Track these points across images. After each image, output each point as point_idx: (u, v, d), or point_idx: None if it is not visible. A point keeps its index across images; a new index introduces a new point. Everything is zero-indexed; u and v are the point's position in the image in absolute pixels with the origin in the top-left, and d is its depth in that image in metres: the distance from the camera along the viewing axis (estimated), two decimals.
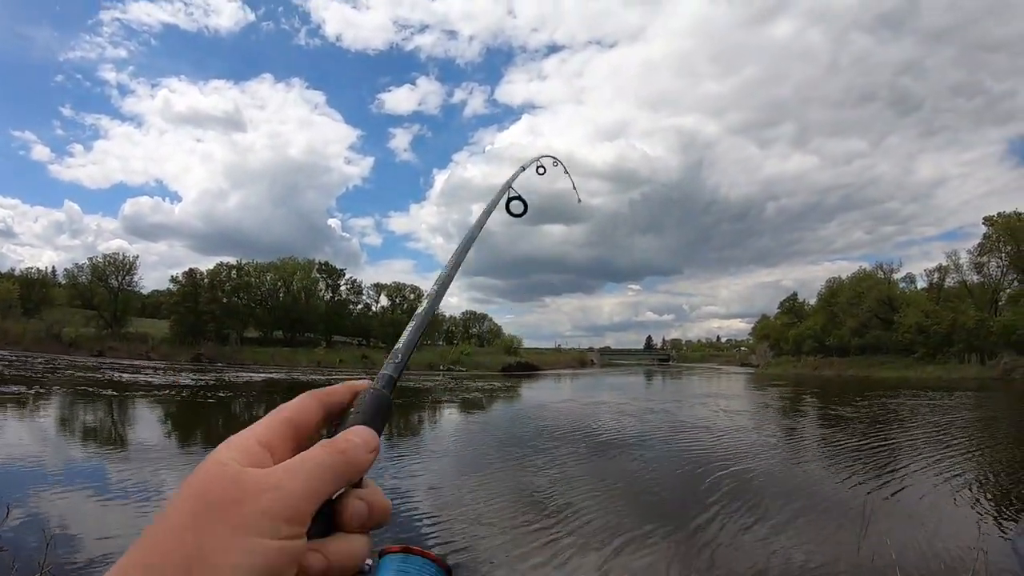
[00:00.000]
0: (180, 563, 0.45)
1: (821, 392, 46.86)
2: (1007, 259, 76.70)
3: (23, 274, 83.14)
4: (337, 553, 0.53)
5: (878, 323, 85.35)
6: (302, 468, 0.53)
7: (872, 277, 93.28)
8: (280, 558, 0.48)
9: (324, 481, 0.53)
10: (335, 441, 0.57)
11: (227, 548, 0.46)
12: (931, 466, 16.06)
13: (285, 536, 0.49)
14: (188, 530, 0.47)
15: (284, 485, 0.51)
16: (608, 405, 34.33)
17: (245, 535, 0.47)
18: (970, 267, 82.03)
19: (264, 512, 0.48)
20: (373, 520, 0.57)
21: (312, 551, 0.51)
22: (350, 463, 0.56)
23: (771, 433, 23.34)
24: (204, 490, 0.50)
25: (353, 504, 0.56)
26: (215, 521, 0.47)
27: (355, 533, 0.55)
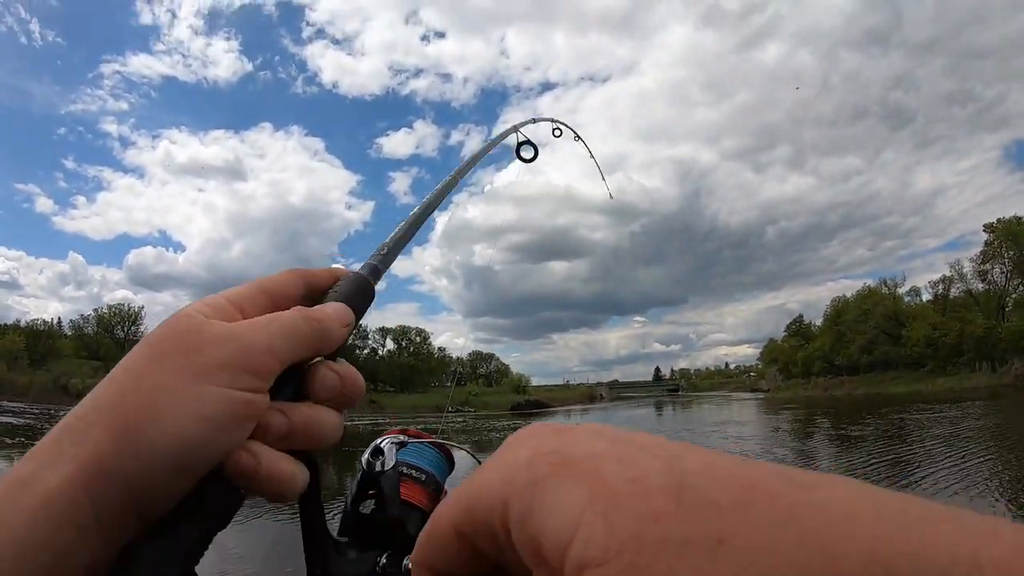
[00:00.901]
0: (133, 405, 0.45)
1: (832, 413, 46.35)
2: (1011, 264, 76.32)
3: (29, 325, 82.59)
4: (302, 417, 0.51)
5: (886, 339, 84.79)
6: (269, 324, 0.52)
7: (877, 293, 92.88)
8: (235, 407, 0.47)
9: (291, 341, 0.51)
10: (309, 309, 0.55)
11: (181, 393, 0.45)
12: (948, 479, 15.87)
13: (243, 387, 0.47)
14: (144, 376, 0.46)
15: (247, 337, 0.50)
16: None
17: (200, 382, 0.46)
18: (974, 275, 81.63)
19: (223, 361, 0.47)
20: (345, 393, 0.55)
21: (274, 411, 0.50)
22: (322, 331, 0.54)
23: (783, 457, 23.09)
24: (165, 336, 0.49)
25: (323, 372, 0.54)
26: (172, 367, 0.46)
27: (325, 405, 0.54)
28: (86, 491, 0.42)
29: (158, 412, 0.44)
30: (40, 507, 0.41)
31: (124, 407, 0.45)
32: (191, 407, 0.45)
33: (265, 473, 0.48)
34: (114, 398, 0.46)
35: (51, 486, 0.42)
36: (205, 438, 0.45)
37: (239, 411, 0.47)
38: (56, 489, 0.42)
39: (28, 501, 0.41)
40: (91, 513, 0.42)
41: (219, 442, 0.46)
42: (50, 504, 0.41)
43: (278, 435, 0.49)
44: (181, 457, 0.44)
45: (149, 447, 0.43)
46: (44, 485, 0.42)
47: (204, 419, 0.45)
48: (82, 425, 0.45)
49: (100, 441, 0.43)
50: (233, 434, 0.47)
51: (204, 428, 0.45)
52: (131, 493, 0.43)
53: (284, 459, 0.49)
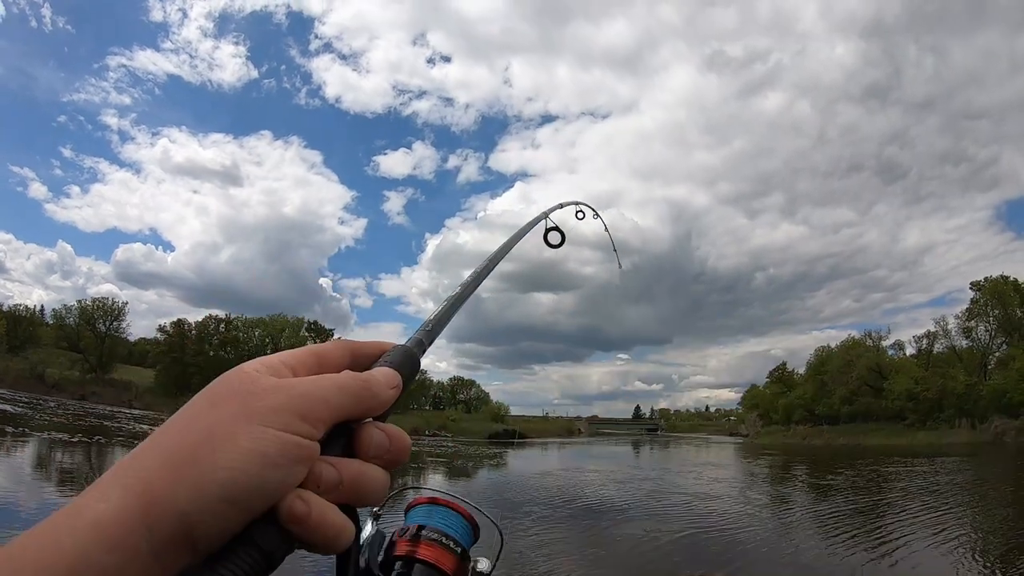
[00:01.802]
0: (190, 445, 0.47)
1: (810, 461, 46.15)
2: (995, 323, 76.75)
3: (11, 310, 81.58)
4: (351, 472, 0.53)
5: (868, 391, 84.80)
6: (323, 379, 0.54)
7: (861, 345, 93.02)
8: (289, 450, 0.49)
9: (344, 399, 0.54)
10: (362, 373, 0.58)
11: (237, 431, 0.48)
12: (924, 533, 15.61)
13: (297, 432, 0.50)
14: (202, 418, 0.49)
15: (303, 388, 0.52)
16: (596, 473, 33.63)
17: (256, 423, 0.48)
18: (958, 332, 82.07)
19: (278, 407, 0.50)
20: (392, 452, 0.57)
21: (324, 462, 0.52)
22: (372, 392, 0.57)
23: (759, 502, 22.81)
24: (222, 385, 0.52)
25: (372, 431, 0.56)
26: (229, 410, 0.49)
27: (373, 463, 0.56)
28: (141, 520, 0.44)
29: (214, 448, 0.47)
30: (94, 533, 0.42)
31: (180, 443, 0.47)
32: (246, 444, 0.47)
33: (316, 520, 0.49)
34: (171, 436, 0.48)
35: (106, 514, 0.43)
36: (258, 475, 0.47)
37: (292, 452, 0.49)
38: (111, 516, 0.43)
39: (82, 526, 0.42)
40: (145, 541, 0.43)
41: (271, 480, 0.48)
42: (104, 530, 0.43)
43: (328, 486, 0.51)
44: (234, 491, 0.46)
45: (204, 480, 0.45)
46: (98, 512, 0.43)
47: (258, 456, 0.47)
48: (139, 461, 0.47)
49: (155, 473, 0.45)
50: (286, 475, 0.48)
51: (258, 465, 0.47)
52: (184, 525, 0.44)
53: (333, 510, 0.51)
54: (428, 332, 0.74)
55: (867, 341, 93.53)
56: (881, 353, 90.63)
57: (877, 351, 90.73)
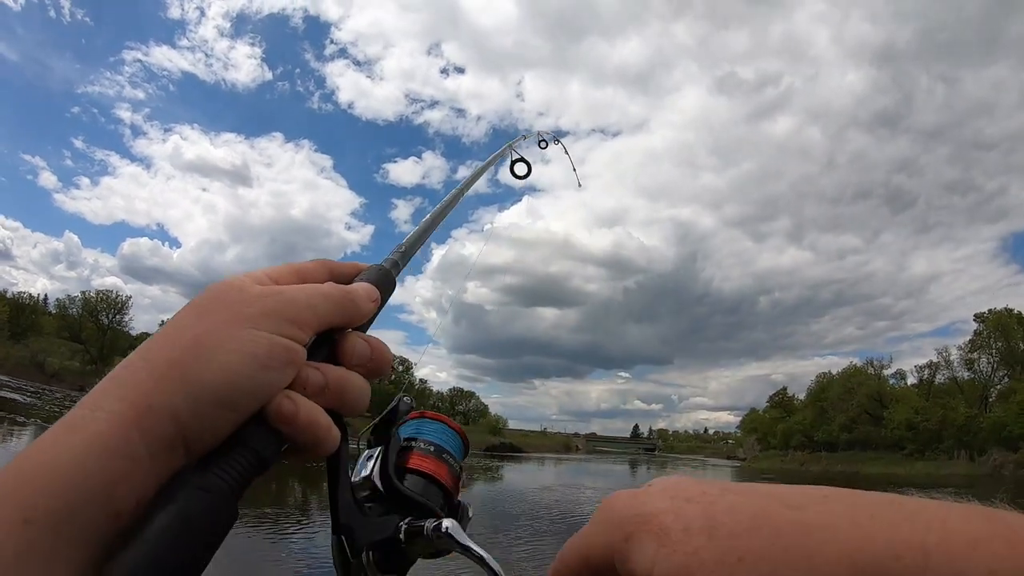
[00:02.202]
0: (181, 350, 0.48)
1: None
2: (997, 355, 76.46)
3: (15, 297, 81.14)
4: (336, 377, 0.55)
5: (867, 419, 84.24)
6: (309, 288, 0.57)
7: (862, 373, 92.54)
8: (279, 351, 0.50)
9: (328, 306, 0.56)
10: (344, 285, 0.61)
11: (229, 337, 0.49)
12: None
13: (285, 334, 0.51)
14: (191, 326, 0.51)
15: (290, 294, 0.54)
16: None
17: (245, 326, 0.50)
18: (961, 363, 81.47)
19: (268, 310, 0.52)
20: (374, 362, 0.59)
21: (310, 366, 0.53)
22: (353, 302, 0.59)
23: None
24: (208, 295, 0.54)
25: (355, 339, 0.59)
26: (218, 316, 0.51)
27: (355, 371, 0.58)
28: (136, 426, 0.45)
29: (205, 351, 0.48)
30: (90, 444, 0.43)
31: (171, 350, 0.49)
32: (236, 347, 0.49)
33: (303, 420, 0.51)
34: (161, 345, 0.50)
35: (101, 425, 0.45)
36: (249, 376, 0.49)
37: (281, 354, 0.50)
38: (106, 426, 0.45)
39: (78, 440, 0.44)
40: (141, 446, 0.45)
41: (262, 381, 0.49)
42: (100, 441, 0.44)
43: (314, 389, 0.53)
44: (226, 392, 0.48)
45: (196, 382, 0.47)
46: (94, 425, 0.45)
47: (249, 357, 0.49)
48: (130, 371, 0.48)
49: (148, 380, 0.47)
50: (275, 376, 0.50)
51: (248, 366, 0.49)
52: (179, 427, 0.46)
53: (320, 411, 0.52)
54: (402, 254, 0.76)
55: (869, 369, 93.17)
56: (882, 382, 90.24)
57: (878, 379, 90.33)
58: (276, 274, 0.59)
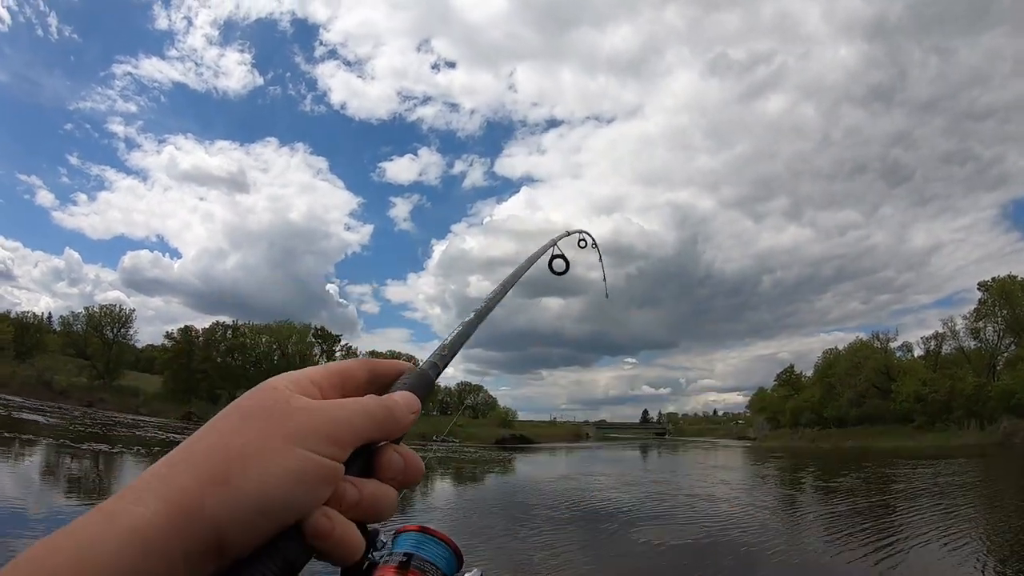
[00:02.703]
0: (226, 460, 0.49)
1: (818, 464, 46.00)
2: (1003, 323, 76.46)
3: (19, 317, 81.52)
4: (370, 493, 0.56)
5: (876, 393, 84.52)
6: (350, 405, 0.57)
7: (868, 347, 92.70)
8: (319, 471, 0.51)
9: (368, 423, 0.57)
10: (383, 397, 0.62)
11: (271, 451, 0.50)
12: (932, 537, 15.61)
13: (325, 453, 0.52)
14: (235, 434, 0.51)
15: (332, 412, 0.55)
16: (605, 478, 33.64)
17: (288, 443, 0.51)
18: (966, 333, 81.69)
19: (311, 429, 0.52)
20: (407, 475, 0.60)
21: (347, 482, 0.54)
22: (393, 418, 0.60)
23: (769, 506, 22.85)
24: (254, 403, 0.54)
25: (391, 454, 0.59)
26: (263, 429, 0.51)
27: (388, 484, 0.58)
28: (175, 527, 0.45)
29: (248, 463, 0.49)
30: (128, 538, 0.44)
31: (215, 457, 0.49)
32: (278, 462, 0.50)
33: (338, 537, 0.52)
34: (205, 449, 0.50)
35: (143, 519, 0.45)
36: (288, 492, 0.49)
37: (321, 473, 0.52)
38: (146, 523, 0.45)
39: (116, 532, 0.44)
40: (179, 549, 0.45)
41: (300, 498, 0.50)
42: (141, 535, 0.44)
43: (350, 505, 0.54)
44: (266, 505, 0.48)
45: (239, 494, 0.48)
46: (132, 519, 0.45)
47: (289, 474, 0.50)
48: (174, 471, 0.49)
49: (192, 483, 0.47)
50: (313, 493, 0.51)
51: (288, 483, 0.49)
52: (216, 534, 0.47)
53: (353, 527, 0.54)
54: (443, 356, 0.77)
55: (875, 343, 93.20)
56: (889, 355, 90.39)
57: (885, 353, 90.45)
58: (319, 377, 0.60)
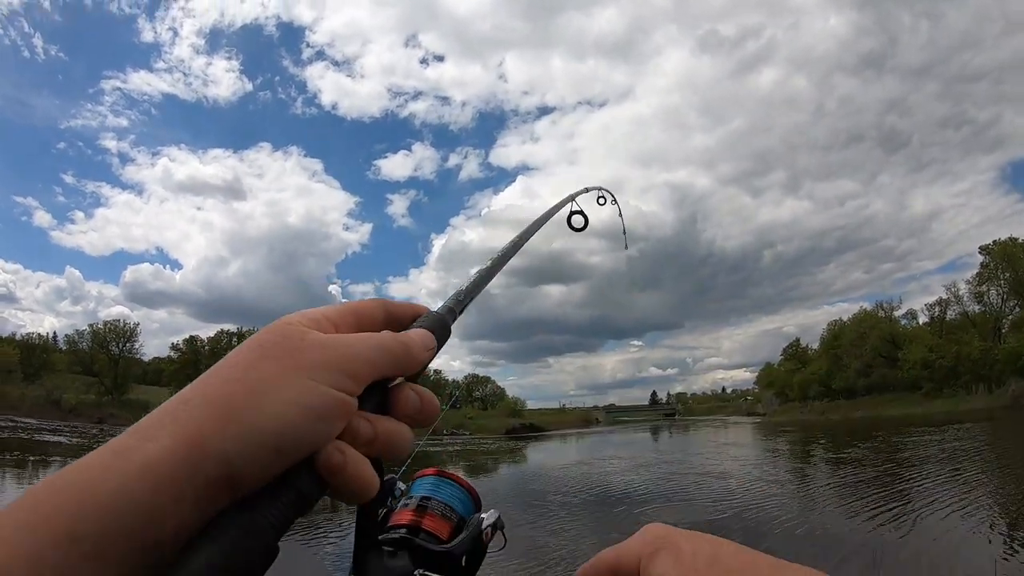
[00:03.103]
0: (240, 394, 0.49)
1: (829, 436, 46.20)
2: (1006, 286, 76.49)
3: (24, 339, 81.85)
4: (384, 429, 0.55)
5: (882, 362, 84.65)
6: (367, 338, 0.56)
7: (873, 317, 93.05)
8: (333, 404, 0.51)
9: (384, 357, 0.56)
10: (400, 333, 0.61)
11: (286, 385, 0.49)
12: (943, 502, 15.73)
13: (340, 387, 0.52)
14: (250, 368, 0.50)
15: (348, 345, 0.54)
16: (617, 461, 33.80)
17: (303, 376, 0.50)
18: (970, 297, 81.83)
19: (325, 362, 0.52)
20: (423, 413, 0.59)
21: (361, 417, 0.54)
22: (409, 354, 0.59)
23: (781, 480, 22.99)
24: (269, 338, 0.53)
25: (407, 392, 0.58)
26: (278, 363, 0.51)
27: (404, 422, 0.58)
28: (185, 464, 0.45)
29: (261, 398, 0.48)
30: (137, 474, 0.43)
31: (229, 393, 0.49)
32: (292, 396, 0.49)
33: (351, 471, 0.52)
34: (219, 385, 0.50)
35: (150, 457, 0.44)
36: (302, 426, 0.49)
37: (335, 406, 0.51)
38: (155, 460, 0.44)
39: (124, 468, 0.44)
40: (187, 485, 0.45)
41: (314, 432, 0.50)
42: (152, 470, 0.44)
43: (363, 440, 0.53)
44: (278, 440, 0.48)
45: (250, 427, 0.47)
46: (143, 455, 0.44)
47: (304, 408, 0.49)
48: (186, 407, 0.48)
49: (203, 421, 0.47)
50: (327, 427, 0.51)
51: (302, 417, 0.49)
52: (228, 469, 0.46)
53: (365, 463, 0.53)
54: (459, 301, 0.76)
55: (879, 312, 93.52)
56: (894, 323, 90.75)
57: (890, 322, 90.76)
58: (335, 315, 0.59)
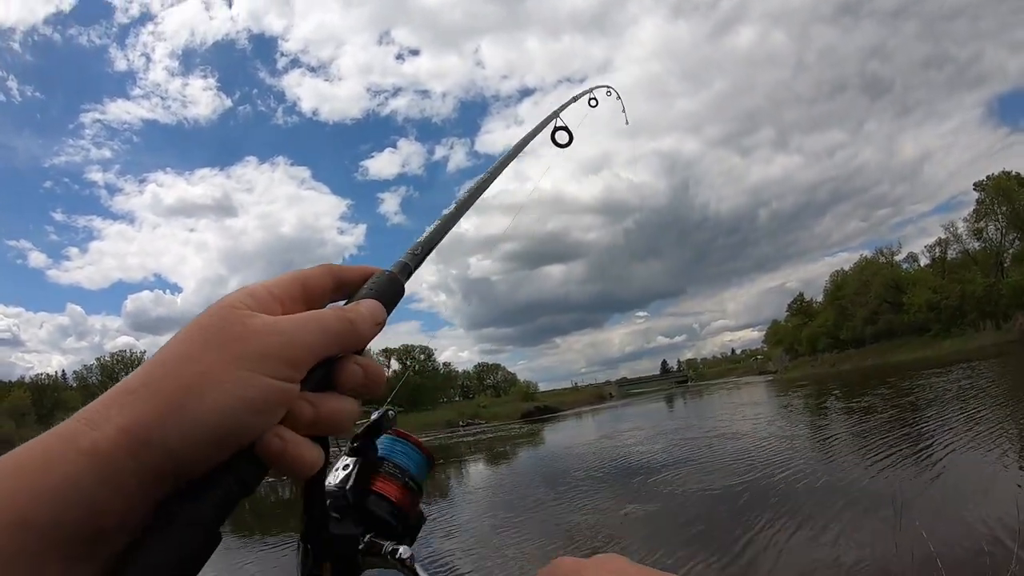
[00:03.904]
0: (180, 383, 0.49)
1: (841, 387, 46.26)
2: (1004, 220, 76.29)
3: (34, 381, 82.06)
4: (327, 408, 0.56)
5: (888, 308, 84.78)
6: (308, 321, 0.56)
7: (875, 263, 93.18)
8: (273, 394, 0.51)
9: (327, 339, 0.56)
10: (345, 308, 0.61)
11: (226, 376, 0.50)
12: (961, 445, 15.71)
13: (280, 376, 0.52)
14: (191, 359, 0.50)
15: (288, 332, 0.54)
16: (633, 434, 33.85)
17: (244, 368, 0.50)
18: (969, 235, 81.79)
19: (265, 352, 0.52)
20: (367, 385, 0.59)
21: (303, 400, 0.54)
22: (355, 331, 0.59)
23: (798, 435, 23.04)
24: (211, 325, 0.53)
25: (350, 367, 0.58)
26: (218, 353, 0.51)
27: (348, 395, 0.58)
28: (129, 454, 0.46)
29: (203, 390, 0.49)
30: (85, 461, 0.44)
31: (171, 384, 0.49)
32: (233, 389, 0.49)
33: (290, 456, 0.52)
34: (162, 376, 0.50)
35: (99, 443, 0.45)
36: (242, 418, 0.50)
37: (274, 397, 0.51)
38: (102, 447, 0.45)
39: (73, 454, 0.44)
40: (133, 473, 0.46)
41: (254, 423, 0.51)
42: (94, 460, 0.45)
43: (305, 423, 0.54)
44: (219, 432, 0.49)
45: (192, 420, 0.48)
46: (90, 442, 0.45)
47: (244, 400, 0.50)
48: (130, 397, 0.48)
49: (146, 411, 0.47)
50: (267, 417, 0.51)
51: (242, 409, 0.50)
52: (170, 460, 0.47)
53: (306, 444, 0.54)
54: (415, 256, 0.74)
55: (880, 259, 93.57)
56: (896, 268, 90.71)
57: (891, 267, 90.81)
58: (279, 290, 0.59)
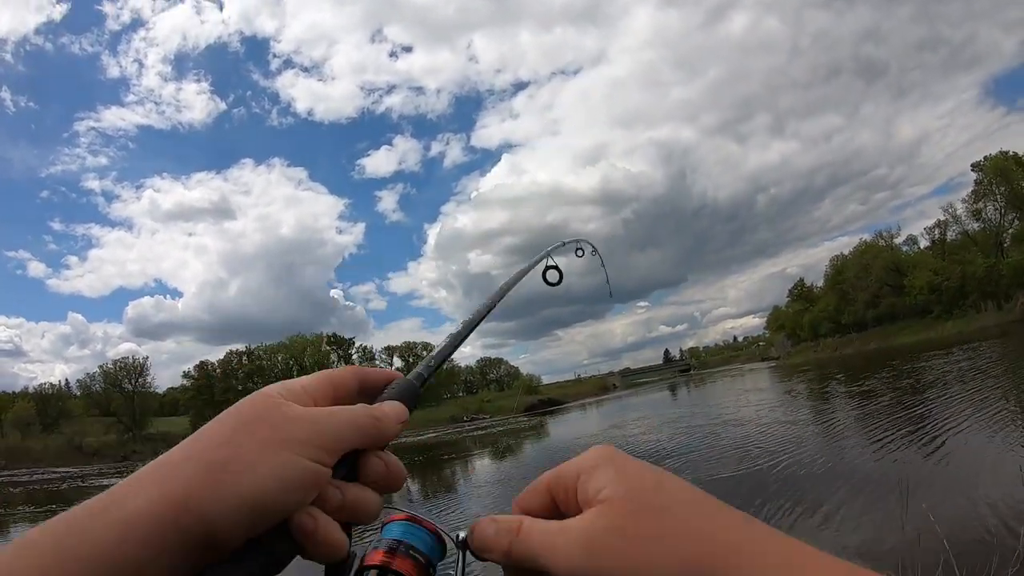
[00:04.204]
0: (223, 461, 0.54)
1: (844, 371, 46.29)
2: (1003, 200, 76.09)
3: (38, 391, 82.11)
4: (352, 496, 0.60)
5: (889, 291, 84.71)
6: (341, 414, 0.62)
7: (875, 247, 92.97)
8: (308, 476, 0.56)
9: (356, 433, 0.61)
10: (373, 407, 0.66)
11: (265, 456, 0.55)
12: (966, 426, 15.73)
13: (316, 460, 0.57)
14: (231, 439, 0.56)
15: (322, 421, 0.60)
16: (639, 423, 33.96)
17: (283, 449, 0.56)
18: (968, 216, 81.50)
19: (301, 437, 0.57)
20: (389, 480, 0.64)
21: (332, 486, 0.59)
22: (380, 428, 0.64)
23: (803, 420, 23.08)
24: (251, 411, 0.59)
25: (375, 461, 0.63)
26: (258, 436, 0.56)
27: (371, 488, 0.63)
28: (174, 521, 0.50)
29: (243, 467, 0.53)
30: (129, 525, 0.48)
31: (212, 458, 0.54)
32: (271, 467, 0.54)
33: (321, 535, 0.56)
34: (203, 450, 0.55)
35: (143, 510, 0.50)
36: (279, 495, 0.54)
37: (309, 479, 0.56)
38: (145, 512, 0.50)
39: (120, 519, 0.49)
40: (174, 539, 0.50)
41: (289, 501, 0.55)
42: (140, 525, 0.49)
43: (333, 507, 0.58)
44: (257, 507, 0.53)
45: (232, 494, 0.52)
46: (137, 507, 0.50)
47: (281, 479, 0.54)
48: (172, 468, 0.54)
49: (189, 481, 0.52)
50: (301, 496, 0.56)
51: (279, 486, 0.54)
52: (210, 529, 0.51)
53: (335, 526, 0.58)
54: (428, 367, 0.80)
55: (880, 242, 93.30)
56: (896, 251, 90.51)
57: (891, 250, 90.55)
58: (312, 386, 0.64)
